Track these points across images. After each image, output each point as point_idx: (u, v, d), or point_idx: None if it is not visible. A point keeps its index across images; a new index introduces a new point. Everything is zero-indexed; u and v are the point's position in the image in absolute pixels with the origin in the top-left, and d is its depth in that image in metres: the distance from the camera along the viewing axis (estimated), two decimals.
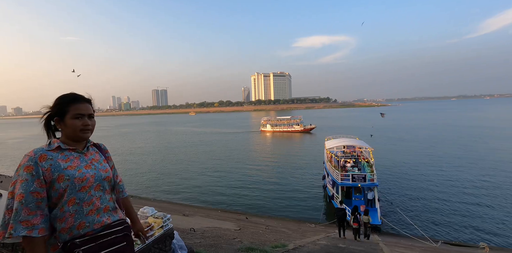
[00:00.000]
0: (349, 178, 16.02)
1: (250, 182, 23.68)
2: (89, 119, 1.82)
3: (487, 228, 14.14)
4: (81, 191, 1.67)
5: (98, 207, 1.75)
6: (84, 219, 1.67)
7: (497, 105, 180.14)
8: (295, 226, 14.01)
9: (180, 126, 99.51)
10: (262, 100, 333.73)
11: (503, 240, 13.04)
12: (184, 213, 14.21)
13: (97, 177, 1.77)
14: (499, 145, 35.90)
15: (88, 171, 1.74)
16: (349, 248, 7.37)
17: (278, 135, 58.99)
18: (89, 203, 1.70)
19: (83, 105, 1.80)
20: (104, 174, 1.82)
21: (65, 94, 1.83)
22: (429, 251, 9.76)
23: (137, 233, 2.05)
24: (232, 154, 37.17)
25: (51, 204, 1.63)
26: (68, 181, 1.63)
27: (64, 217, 1.62)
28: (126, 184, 8.58)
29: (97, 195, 1.75)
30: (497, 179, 21.51)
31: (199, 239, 6.62)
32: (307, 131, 60.72)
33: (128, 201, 2.14)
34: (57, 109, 1.76)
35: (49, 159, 1.64)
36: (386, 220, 14.79)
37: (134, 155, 40.14)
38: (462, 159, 28.76)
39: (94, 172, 1.77)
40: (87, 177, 1.71)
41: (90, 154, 1.86)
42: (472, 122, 70.01)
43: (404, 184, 21.40)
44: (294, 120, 64.22)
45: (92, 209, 1.71)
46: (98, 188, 1.77)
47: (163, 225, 2.91)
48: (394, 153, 32.92)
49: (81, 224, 1.66)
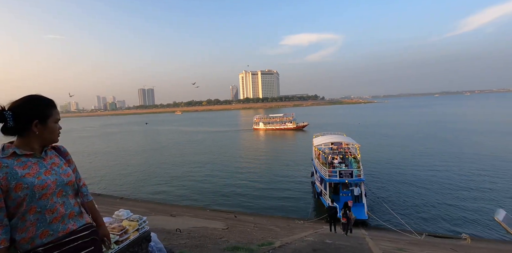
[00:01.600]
0: (336, 174, 16.20)
1: (240, 180, 23.61)
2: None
3: (469, 219, 14.61)
4: (42, 198, 1.58)
5: (63, 214, 1.66)
6: (47, 227, 1.59)
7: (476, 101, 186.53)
8: (283, 223, 14.06)
9: (168, 125, 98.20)
10: (251, 99, 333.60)
11: (484, 230, 13.51)
12: (171, 213, 14.01)
13: (59, 182, 1.68)
14: (478, 139, 37.22)
15: (49, 177, 1.64)
16: (335, 243, 7.43)
17: (271, 133, 59.05)
18: (53, 211, 1.62)
19: (57, 109, 1.78)
20: (66, 179, 1.73)
21: (39, 96, 1.73)
22: (413, 243, 9.99)
23: (102, 238, 1.96)
24: (224, 152, 36.97)
25: (9, 214, 1.53)
26: (27, 189, 1.53)
27: (25, 227, 1.54)
28: (113, 185, 8.40)
29: (60, 202, 1.67)
30: (477, 172, 22.28)
31: (184, 240, 6.51)
32: (299, 128, 60.93)
33: (93, 204, 2.05)
34: (37, 112, 1.65)
35: (4, 166, 1.53)
36: (373, 215, 15.05)
37: (120, 155, 39.33)
38: (443, 153, 29.64)
39: (55, 178, 1.67)
40: (48, 183, 1.61)
41: (49, 158, 1.75)
42: (452, 118, 72.34)
43: (389, 178, 21.85)
44: (286, 118, 64.33)
45: (57, 217, 1.63)
46: (60, 194, 1.68)
47: (139, 228, 2.81)
48: (380, 149, 33.56)
49: (44, 233, 1.58)
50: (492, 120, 60.11)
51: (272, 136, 54.41)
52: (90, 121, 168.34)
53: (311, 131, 55.47)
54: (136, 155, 39.29)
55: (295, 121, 62.73)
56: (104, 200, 18.86)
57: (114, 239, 2.55)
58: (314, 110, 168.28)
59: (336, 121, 76.42)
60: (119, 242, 2.60)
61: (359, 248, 7.22)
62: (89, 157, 39.37)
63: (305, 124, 61.82)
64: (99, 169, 31.15)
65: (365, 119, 78.80)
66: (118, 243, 2.59)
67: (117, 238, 2.58)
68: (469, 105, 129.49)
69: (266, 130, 62.99)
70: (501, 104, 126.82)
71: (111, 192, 22.43)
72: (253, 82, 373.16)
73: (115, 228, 2.63)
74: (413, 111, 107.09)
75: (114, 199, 19.94)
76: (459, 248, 9.57)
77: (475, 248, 9.85)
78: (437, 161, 26.76)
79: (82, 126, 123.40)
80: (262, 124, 64.86)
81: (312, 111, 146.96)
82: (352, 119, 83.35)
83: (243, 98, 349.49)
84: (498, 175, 21.40)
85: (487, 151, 29.36)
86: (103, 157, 38.44)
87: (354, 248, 7.11)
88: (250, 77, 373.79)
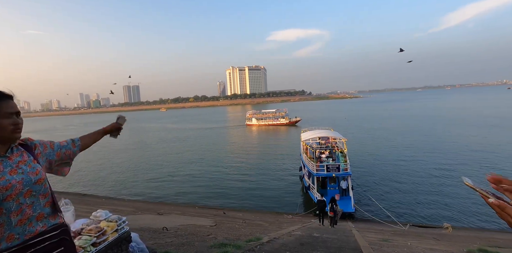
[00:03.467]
0: (324, 169, 16.41)
1: (229, 176, 23.56)
2: (18, 118, 1.65)
3: (450, 209, 15.17)
4: (7, 200, 1.48)
5: (30, 216, 1.56)
6: (13, 230, 1.49)
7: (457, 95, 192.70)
8: (272, 218, 14.15)
9: (155, 123, 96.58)
10: (238, 94, 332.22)
11: (465, 219, 14.06)
12: (159, 211, 13.82)
13: (26, 181, 1.56)
14: (458, 131, 38.54)
15: (14, 177, 1.53)
16: (322, 237, 7.52)
17: (264, 129, 58.84)
18: (17, 213, 1.51)
19: (12, 102, 1.62)
20: (34, 177, 1.61)
21: None
22: (398, 234, 10.27)
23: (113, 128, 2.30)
24: (213, 149, 36.71)
25: None
26: None
27: None
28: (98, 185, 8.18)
29: (28, 202, 1.56)
30: (458, 162, 23.10)
31: (171, 238, 6.41)
32: (292, 123, 60.41)
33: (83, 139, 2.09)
34: None
35: None
36: (359, 208, 15.37)
37: (104, 154, 38.42)
38: (426, 145, 30.54)
39: (21, 177, 1.56)
40: (13, 183, 1.51)
41: (15, 156, 1.63)
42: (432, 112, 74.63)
43: (375, 171, 22.35)
44: (279, 114, 64.16)
45: (22, 219, 1.53)
46: (29, 194, 1.57)
47: (118, 229, 2.70)
48: (367, 143, 34.23)
49: (9, 236, 1.48)
50: (471, 113, 62.34)
51: (264, 132, 54.19)
52: (73, 120, 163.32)
53: (304, 126, 55.92)
54: (121, 153, 38.50)
55: (288, 117, 62.61)
56: (89, 200, 18.41)
57: (91, 241, 2.45)
58: (302, 105, 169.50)
59: (324, 116, 77.35)
60: (96, 244, 2.49)
61: (346, 240, 7.34)
62: None
63: (298, 120, 61.47)
64: (83, 168, 30.35)
65: (351, 114, 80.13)
66: (95, 245, 2.48)
67: (95, 240, 2.47)
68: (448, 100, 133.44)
69: (259, 126, 62.60)
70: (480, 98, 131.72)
71: (96, 192, 21.91)
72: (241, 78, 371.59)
73: (92, 229, 2.52)
74: (397, 106, 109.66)
75: (99, 199, 19.49)
76: (442, 237, 9.91)
77: (456, 237, 10.22)
78: (420, 152, 27.57)
79: (65, 124, 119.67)
80: (255, 120, 64.33)
81: (300, 107, 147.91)
82: (339, 114, 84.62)
83: (231, 95, 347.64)
84: (476, 163, 22.29)
85: (466, 142, 30.45)
86: (87, 157, 37.44)
87: (340, 240, 7.22)
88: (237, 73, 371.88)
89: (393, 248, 6.66)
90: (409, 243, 7.62)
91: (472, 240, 9.37)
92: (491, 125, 41.98)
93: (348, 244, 6.70)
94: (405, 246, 7.03)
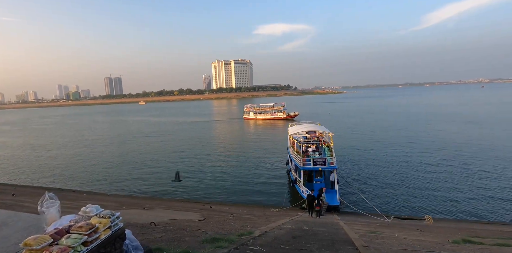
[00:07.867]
0: (310, 162, 16.50)
1: (215, 170, 23.34)
2: None
3: (432, 202, 15.74)
4: None
5: None
6: None
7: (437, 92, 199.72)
8: (259, 211, 14.15)
9: (137, 116, 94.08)
10: (224, 88, 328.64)
11: (445, 211, 14.64)
12: (144, 206, 13.48)
13: None
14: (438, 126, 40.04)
15: None
16: (312, 230, 7.55)
17: (261, 122, 58.12)
18: None
19: None
20: None
21: None
22: (383, 226, 10.52)
23: None
24: (200, 144, 36.32)
25: None
26: None
27: None
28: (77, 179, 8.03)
29: None
30: (439, 157, 23.99)
31: (160, 234, 6.21)
32: (290, 118, 59.67)
33: None
34: None
35: None
36: (344, 200, 15.66)
37: (83, 148, 37.07)
38: (407, 139, 31.53)
39: None
40: None
41: None
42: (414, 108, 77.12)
43: (360, 165, 22.84)
44: (277, 107, 63.45)
45: None
46: None
47: (111, 225, 2.49)
48: (351, 137, 34.89)
49: None
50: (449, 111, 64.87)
51: (261, 126, 53.56)
52: (50, 112, 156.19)
53: (302, 120, 55.99)
54: (101, 146, 37.27)
55: (285, 111, 62.13)
56: (69, 195, 17.71)
57: (82, 240, 2.23)
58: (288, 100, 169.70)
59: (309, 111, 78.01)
60: (87, 242, 2.28)
61: (335, 233, 7.40)
62: (48, 149, 36.67)
63: (296, 114, 61.08)
64: (61, 162, 29.15)
65: (335, 109, 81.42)
66: (86, 244, 2.27)
67: (85, 238, 2.26)
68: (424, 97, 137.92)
69: (257, 120, 61.79)
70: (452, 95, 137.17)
71: (75, 186, 21.13)
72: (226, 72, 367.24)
73: (82, 226, 2.30)
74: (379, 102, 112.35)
75: (79, 194, 18.79)
76: (424, 228, 10.24)
77: (438, 228, 10.60)
78: (401, 147, 28.43)
79: (41, 116, 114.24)
80: (252, 114, 63.63)
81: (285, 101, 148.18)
82: (323, 109, 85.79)
83: (216, 88, 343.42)
84: (455, 158, 23.24)
85: (447, 137, 31.68)
86: (64, 150, 35.98)
87: (331, 233, 7.26)
88: (223, 66, 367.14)
89: (383, 240, 6.77)
90: (396, 235, 7.79)
91: (453, 231, 9.73)
92: (452, 121, 44.12)
93: (339, 237, 6.75)
94: (393, 238, 7.17)
